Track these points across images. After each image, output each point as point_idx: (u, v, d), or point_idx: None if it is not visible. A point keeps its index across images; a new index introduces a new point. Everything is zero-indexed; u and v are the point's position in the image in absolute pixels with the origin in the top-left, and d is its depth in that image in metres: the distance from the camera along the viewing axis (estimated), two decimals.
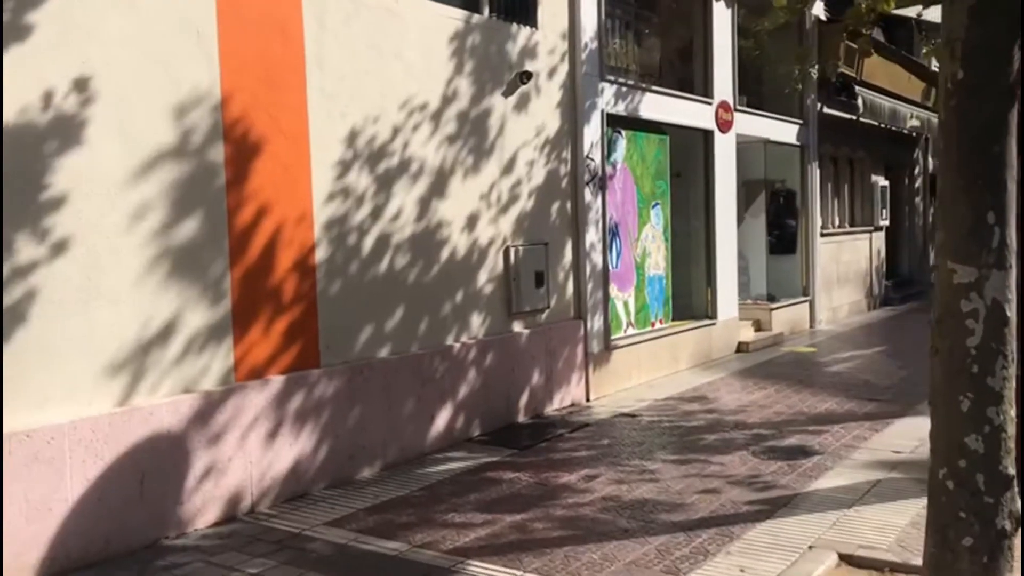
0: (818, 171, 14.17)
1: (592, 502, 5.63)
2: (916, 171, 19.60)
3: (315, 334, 5.98)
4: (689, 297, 11.14)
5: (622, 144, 9.31)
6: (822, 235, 14.42)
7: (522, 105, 7.82)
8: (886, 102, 15.30)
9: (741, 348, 11.58)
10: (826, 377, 9.80)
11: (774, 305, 12.86)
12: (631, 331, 9.46)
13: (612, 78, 9.03)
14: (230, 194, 5.47)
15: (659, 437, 7.29)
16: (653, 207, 9.90)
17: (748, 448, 6.85)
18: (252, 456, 5.52)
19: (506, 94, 7.63)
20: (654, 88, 9.81)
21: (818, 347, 12.01)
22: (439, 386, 6.88)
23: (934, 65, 17.98)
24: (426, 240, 6.85)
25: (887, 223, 17.35)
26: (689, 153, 11.16)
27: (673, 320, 10.42)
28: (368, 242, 6.37)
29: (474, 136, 7.29)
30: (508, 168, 7.66)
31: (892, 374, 9.89)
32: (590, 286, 8.64)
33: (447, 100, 7.03)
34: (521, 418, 7.78)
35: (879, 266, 17.14)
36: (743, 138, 11.90)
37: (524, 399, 7.80)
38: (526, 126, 7.88)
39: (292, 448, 5.77)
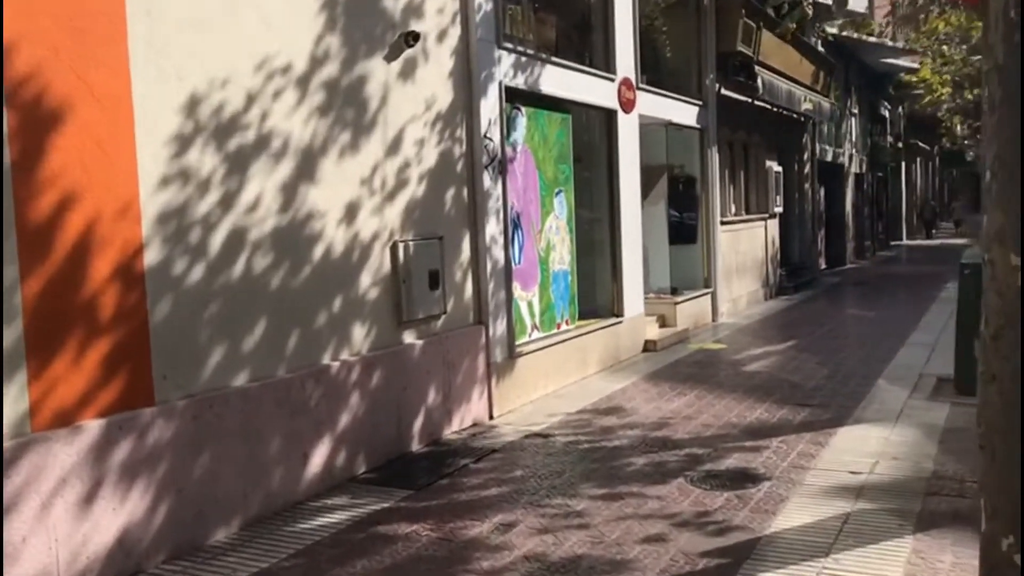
0: (717, 156, 13.45)
1: (514, 564, 4.46)
2: (805, 156, 19.31)
3: (147, 361, 4.57)
4: (594, 294, 10.13)
5: (522, 122, 8.17)
6: (721, 223, 13.72)
7: (408, 72, 6.55)
8: (783, 84, 14.75)
9: (648, 347, 10.67)
10: (745, 379, 8.96)
11: (678, 299, 12.03)
12: (536, 335, 8.35)
13: (510, 46, 7.86)
14: (17, 180, 4.00)
15: (579, 463, 6.20)
16: (557, 194, 8.81)
17: (685, 474, 5.84)
18: (58, 532, 4.09)
19: (389, 58, 6.35)
20: (556, 60, 8.70)
21: (727, 343, 11.23)
22: (314, 416, 5.57)
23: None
24: (293, 236, 5.52)
25: (781, 210, 16.91)
26: (591, 135, 10.13)
27: (579, 320, 9.38)
28: (217, 240, 4.99)
29: (351, 107, 5.99)
30: (394, 147, 6.39)
31: (813, 373, 9.14)
32: (491, 286, 7.47)
33: (317, 62, 5.70)
34: (416, 446, 6.54)
35: (774, 255, 16.68)
36: (645, 120, 10.97)
37: (419, 423, 6.57)
38: (414, 97, 6.62)
39: (117, 514, 4.36)
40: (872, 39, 22.86)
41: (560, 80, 8.75)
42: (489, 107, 7.47)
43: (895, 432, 6.75)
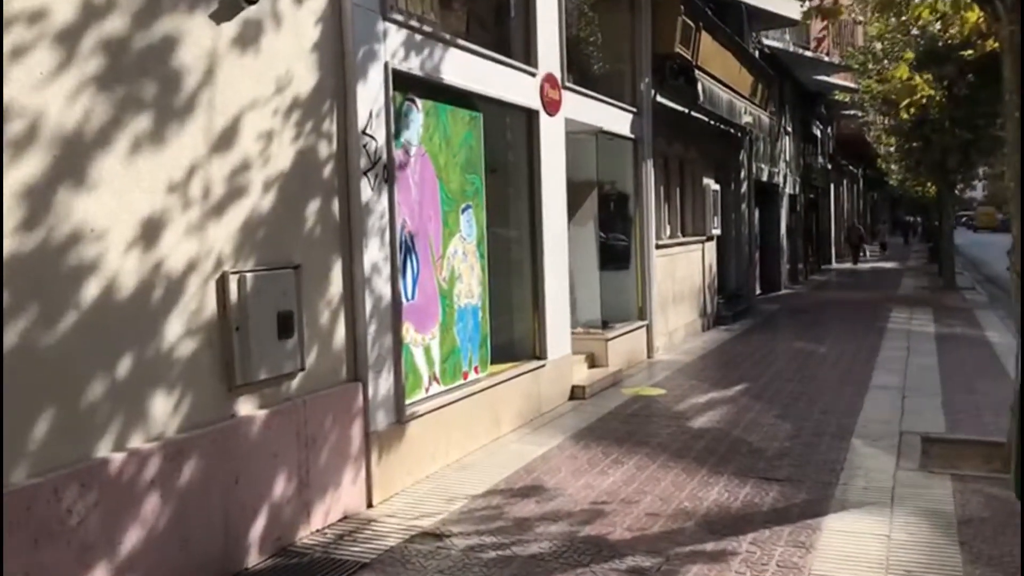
0: (653, 172, 11.91)
1: None
2: (742, 175, 18.01)
3: None
4: (511, 332, 8.41)
5: (418, 119, 6.42)
6: (657, 247, 12.18)
7: (249, 40, 4.74)
8: (724, 93, 13.34)
9: (576, 394, 8.98)
10: (693, 439, 7.32)
11: (610, 334, 10.39)
12: (435, 389, 6.57)
13: (400, 19, 6.10)
14: None
15: None
16: (464, 211, 7.07)
17: None
18: None
19: (218, 17, 4.53)
20: (463, 44, 6.98)
21: (667, 387, 9.61)
22: (77, 540, 3.68)
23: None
24: (46, 267, 3.64)
25: (719, 232, 15.51)
26: (508, 140, 8.44)
27: (493, 365, 7.64)
28: None
29: (152, 81, 4.15)
30: (225, 141, 4.56)
31: (774, 431, 7.56)
32: (373, 329, 5.68)
33: (95, 11, 3.86)
34: (254, 560, 4.68)
35: (712, 281, 15.24)
36: (572, 126, 9.34)
37: (259, 526, 4.71)
38: (258, 75, 4.81)
39: None
40: (808, 53, 21.85)
41: (468, 69, 7.03)
42: (370, 95, 5.69)
43: (896, 526, 5.16)
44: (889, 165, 34.42)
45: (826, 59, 23.16)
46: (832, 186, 34.14)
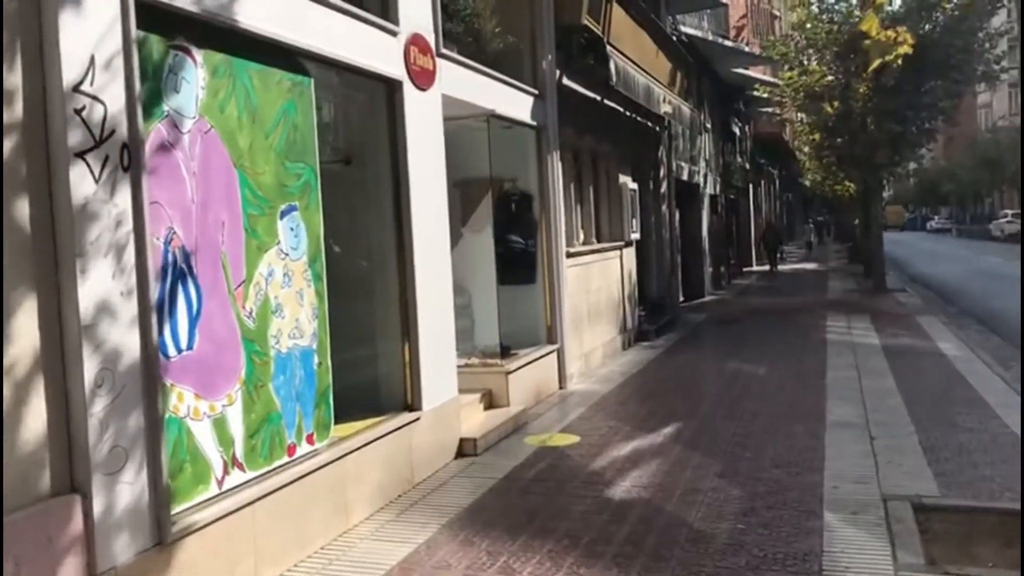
0: (560, 167, 9.99)
1: None
2: (661, 173, 16.27)
3: None
4: (369, 377, 6.35)
5: (195, 78, 4.29)
6: (568, 255, 10.27)
7: None
8: (640, 75, 11.51)
9: (465, 449, 6.95)
10: (615, 522, 5.36)
11: (512, 364, 8.40)
12: (237, 479, 4.45)
13: None
14: None
15: None
16: (284, 215, 4.96)
17: None
18: None
19: None
20: None
21: (581, 432, 7.66)
22: None
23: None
24: None
25: (638, 236, 13.69)
26: (360, 120, 6.38)
27: (339, 425, 5.56)
28: None
29: None
30: None
31: (720, 501, 5.67)
32: (103, 405, 3.54)
33: None
34: None
35: (632, 292, 13.40)
36: (454, 105, 7.35)
37: None
38: None
39: None
40: (728, 43, 20.35)
41: (288, 14, 4.95)
42: (91, 31, 3.57)
43: None
44: (808, 163, 33.50)
45: (746, 49, 21.72)
46: (751, 186, 32.97)
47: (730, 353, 12.10)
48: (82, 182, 3.48)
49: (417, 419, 6.23)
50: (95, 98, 3.56)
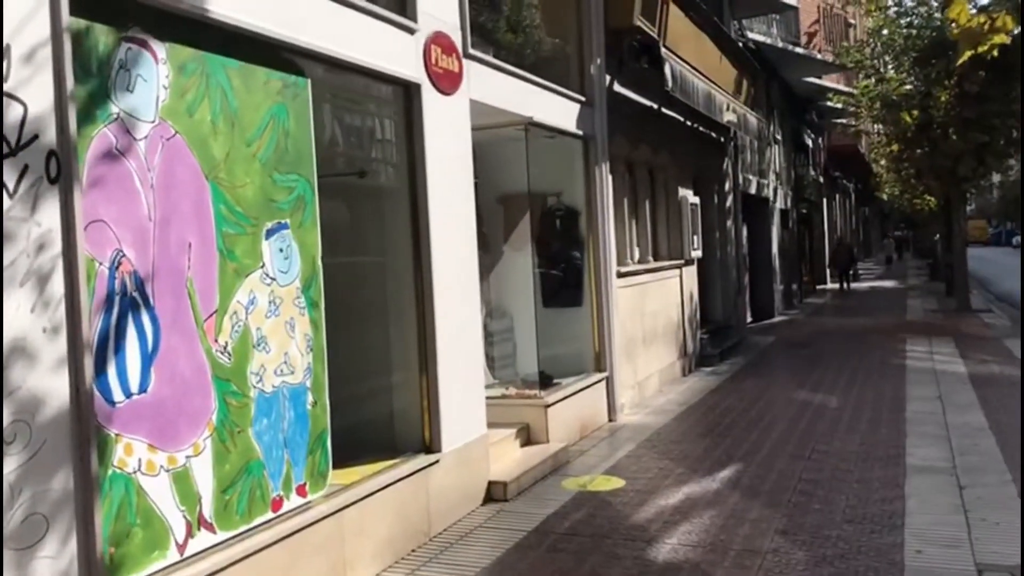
0: (610, 179, 9.24)
1: None
2: (727, 186, 15.37)
3: None
4: (383, 414, 5.69)
5: (157, 76, 3.69)
6: (619, 275, 9.50)
7: None
8: (700, 80, 10.70)
9: (494, 493, 6.24)
10: None
11: (551, 396, 7.65)
12: (203, 542, 3.81)
13: None
14: None
15: None
16: (271, 234, 4.34)
17: None
18: None
19: None
20: None
21: (628, 474, 6.86)
22: None
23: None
24: None
25: (700, 254, 12.82)
26: (377, 128, 5.76)
27: (342, 470, 4.91)
28: None
29: None
30: None
31: (780, 563, 4.84)
32: (12, 466, 2.93)
33: None
34: None
35: (692, 314, 12.53)
36: (486, 114, 6.70)
37: None
38: None
39: None
40: (798, 50, 19.33)
41: (273, 2, 4.35)
42: (9, 16, 2.99)
43: None
44: (885, 176, 31.98)
45: (818, 56, 20.63)
46: (825, 200, 31.60)
47: (799, 380, 11.14)
48: None
49: (436, 462, 5.54)
50: (11, 96, 2.98)
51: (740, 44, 15.43)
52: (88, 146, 3.34)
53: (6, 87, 2.96)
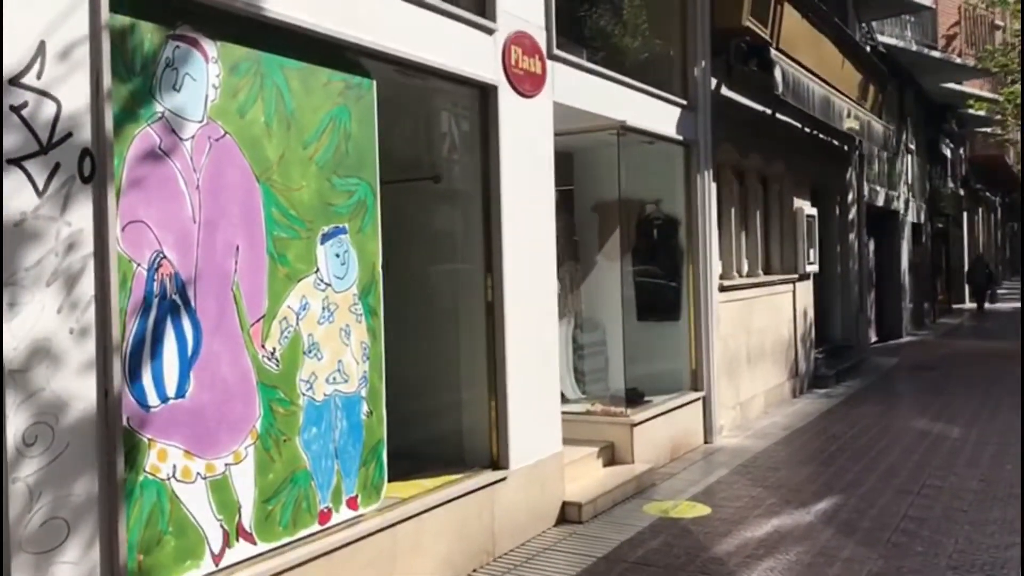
0: (714, 188, 8.82)
1: None
2: (850, 198, 14.56)
3: None
4: (446, 427, 5.52)
5: (207, 75, 3.63)
6: (722, 289, 9.06)
7: None
8: (816, 84, 10.11)
9: (568, 516, 5.96)
10: None
11: (639, 415, 7.31)
12: (242, 553, 3.72)
13: None
14: None
15: None
16: (327, 239, 4.23)
17: None
18: None
19: None
20: None
21: (715, 502, 6.46)
22: None
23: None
24: None
25: (816, 269, 12.15)
26: (449, 132, 5.61)
27: (400, 483, 4.77)
28: None
29: None
30: None
31: None
32: (31, 469, 2.89)
33: None
34: None
35: (806, 332, 11.87)
36: (571, 117, 6.47)
37: None
38: None
39: None
40: (935, 54, 18.18)
41: (339, 1, 4.24)
42: (39, 10, 2.96)
43: None
44: None
45: (958, 61, 19.36)
46: (965, 214, 29.69)
47: (919, 406, 10.36)
48: (17, 194, 2.87)
49: (502, 479, 5.32)
50: (44, 94, 2.95)
51: (868, 48, 14.59)
52: (129, 145, 3.29)
53: (37, 84, 2.92)
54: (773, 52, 8.88)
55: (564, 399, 7.71)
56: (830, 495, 6.54)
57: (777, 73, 8.80)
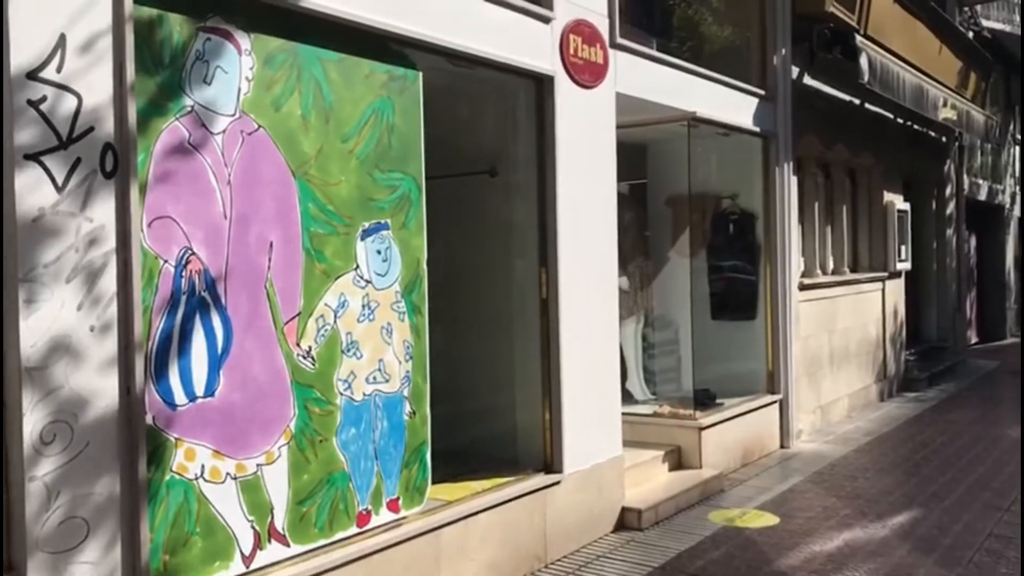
0: (795, 181, 8.42)
1: None
2: (948, 191, 13.80)
3: None
4: (499, 429, 5.37)
5: (240, 68, 3.56)
6: (803, 287, 8.65)
7: None
8: (907, 72, 9.57)
9: (627, 522, 5.75)
10: None
11: (707, 418, 7.02)
12: (276, 554, 3.65)
13: None
14: None
15: None
16: (368, 234, 4.12)
17: None
18: None
19: None
20: None
21: (784, 512, 6.14)
22: None
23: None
24: None
25: (909, 266, 11.54)
26: (502, 124, 5.45)
27: (447, 484, 4.65)
28: None
29: None
30: None
31: None
32: (49, 467, 2.86)
33: None
34: None
35: (896, 332, 11.29)
36: (637, 109, 6.23)
37: None
38: None
39: None
40: None
41: None
42: (57, 2, 2.93)
43: None
44: None
45: None
46: None
47: (1017, 414, 9.72)
48: (35, 190, 2.83)
49: (556, 483, 5.14)
50: (63, 88, 2.91)
51: (970, 33, 13.79)
52: (156, 139, 3.24)
53: (57, 78, 2.89)
54: (859, 39, 8.41)
55: (633, 399, 7.51)
56: (910, 508, 6.14)
57: (863, 61, 8.34)
